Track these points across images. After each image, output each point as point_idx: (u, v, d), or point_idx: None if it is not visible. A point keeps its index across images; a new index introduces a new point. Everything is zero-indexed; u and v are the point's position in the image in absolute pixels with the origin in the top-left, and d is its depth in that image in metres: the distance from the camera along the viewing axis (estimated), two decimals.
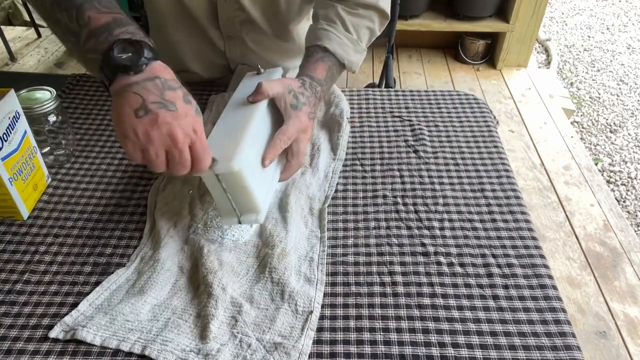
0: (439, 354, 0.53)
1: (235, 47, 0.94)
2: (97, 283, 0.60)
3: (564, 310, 0.57)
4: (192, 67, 0.97)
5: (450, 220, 0.69)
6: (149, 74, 0.51)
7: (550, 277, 0.61)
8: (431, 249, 0.64)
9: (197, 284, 0.60)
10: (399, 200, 0.72)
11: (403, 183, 0.75)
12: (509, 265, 0.62)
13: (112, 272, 0.61)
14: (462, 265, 0.63)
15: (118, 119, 0.50)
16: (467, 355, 0.52)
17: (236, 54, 0.95)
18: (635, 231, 1.74)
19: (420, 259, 0.63)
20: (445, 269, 0.62)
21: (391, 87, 1.62)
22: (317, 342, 0.54)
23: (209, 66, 0.98)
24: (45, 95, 0.73)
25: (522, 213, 0.70)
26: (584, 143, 2.26)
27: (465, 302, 0.58)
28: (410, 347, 0.53)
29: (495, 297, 0.58)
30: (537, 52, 3.01)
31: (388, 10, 0.86)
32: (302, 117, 0.71)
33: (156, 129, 0.50)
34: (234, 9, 0.86)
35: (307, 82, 0.75)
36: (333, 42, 0.80)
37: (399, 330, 0.55)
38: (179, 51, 0.95)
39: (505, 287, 0.60)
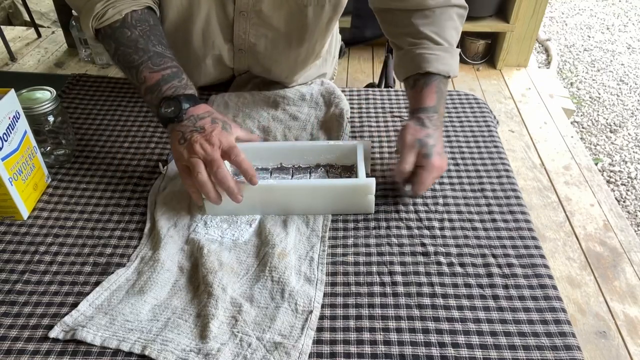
0: (439, 354, 0.53)
1: (245, 59, 0.92)
2: (97, 283, 0.60)
3: (564, 310, 0.57)
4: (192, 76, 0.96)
5: (450, 220, 0.69)
6: (187, 117, 0.67)
7: (550, 277, 0.61)
8: (431, 249, 0.64)
9: (197, 283, 0.60)
10: (399, 199, 0.72)
11: None
12: (509, 265, 0.62)
13: (112, 272, 0.61)
14: (462, 265, 0.63)
15: (172, 150, 0.67)
16: (467, 355, 0.52)
17: (243, 65, 0.94)
18: (635, 231, 1.74)
19: (420, 259, 0.63)
20: (445, 269, 0.62)
21: (391, 87, 1.61)
22: (317, 342, 0.54)
23: (209, 77, 0.96)
24: (45, 95, 0.73)
25: (522, 213, 0.70)
26: (584, 143, 2.26)
27: (465, 302, 0.58)
28: (410, 347, 0.53)
29: (495, 297, 0.58)
30: (537, 52, 3.01)
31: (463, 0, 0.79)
32: (435, 162, 0.68)
33: (191, 147, 0.64)
34: (251, 23, 0.84)
35: (424, 120, 0.71)
36: (432, 62, 0.74)
37: (399, 330, 0.55)
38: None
39: (505, 287, 0.60)
